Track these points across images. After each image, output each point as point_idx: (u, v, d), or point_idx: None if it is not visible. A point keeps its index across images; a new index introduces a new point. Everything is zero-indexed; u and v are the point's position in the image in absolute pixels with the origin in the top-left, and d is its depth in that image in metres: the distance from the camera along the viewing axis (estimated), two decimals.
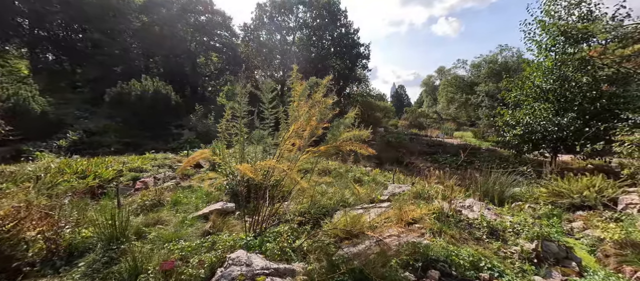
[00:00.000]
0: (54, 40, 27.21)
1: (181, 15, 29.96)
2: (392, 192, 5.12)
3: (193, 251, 2.63)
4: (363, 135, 3.80)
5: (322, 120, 3.29)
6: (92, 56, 24.94)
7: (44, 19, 25.32)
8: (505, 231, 3.14)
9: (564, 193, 4.96)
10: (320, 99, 3.29)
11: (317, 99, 3.25)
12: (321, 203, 4.03)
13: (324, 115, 3.11)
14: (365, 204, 4.44)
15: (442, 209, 3.65)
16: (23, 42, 25.99)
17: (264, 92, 3.39)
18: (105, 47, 25.33)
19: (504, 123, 9.10)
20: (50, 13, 24.69)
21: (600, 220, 3.83)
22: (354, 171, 7.03)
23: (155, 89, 12.56)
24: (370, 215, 3.79)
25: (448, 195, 4.67)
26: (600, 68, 6.10)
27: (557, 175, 5.85)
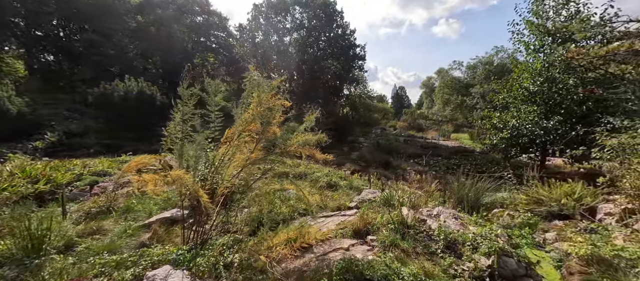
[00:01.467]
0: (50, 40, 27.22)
1: (178, 16, 29.94)
2: (363, 198, 4.91)
3: (116, 266, 2.43)
4: (320, 140, 3.60)
5: (269, 123, 3.09)
6: (87, 56, 24.90)
7: (39, 19, 25.35)
8: (464, 244, 2.92)
9: (543, 201, 4.73)
10: (268, 101, 3.09)
11: (264, 101, 3.05)
12: (281, 211, 3.82)
13: (265, 118, 2.90)
14: (330, 211, 4.23)
15: (404, 218, 3.44)
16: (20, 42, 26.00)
17: (210, 94, 3.18)
18: (100, 47, 25.30)
19: (491, 126, 8.86)
20: (45, 13, 24.68)
21: (574, 231, 3.60)
22: (332, 175, 6.81)
23: (140, 90, 12.38)
24: (328, 225, 3.58)
25: (416, 202, 4.45)
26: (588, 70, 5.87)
27: (540, 180, 5.61)
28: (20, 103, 9.49)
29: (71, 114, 15.11)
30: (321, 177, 6.61)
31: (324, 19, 28.84)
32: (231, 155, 2.74)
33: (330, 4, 28.72)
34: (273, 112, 2.95)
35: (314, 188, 5.86)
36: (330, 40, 29.50)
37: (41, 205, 3.94)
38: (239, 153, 2.77)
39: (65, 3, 24.59)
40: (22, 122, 8.88)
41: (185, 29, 29.79)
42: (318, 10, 28.30)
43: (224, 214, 3.14)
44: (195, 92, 3.09)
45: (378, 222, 3.39)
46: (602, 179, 4.00)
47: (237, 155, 2.75)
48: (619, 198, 4.19)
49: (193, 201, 3.35)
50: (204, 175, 2.76)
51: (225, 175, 2.71)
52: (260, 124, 2.97)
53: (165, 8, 28.53)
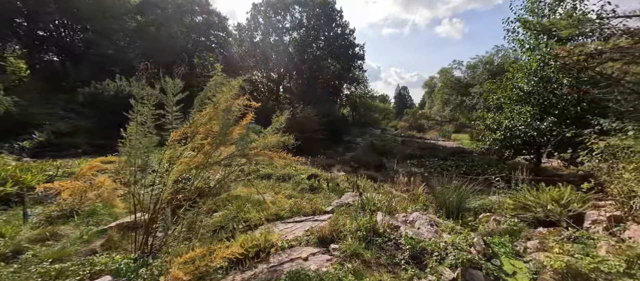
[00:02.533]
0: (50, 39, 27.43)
1: (177, 16, 29.96)
2: (342, 202, 4.74)
3: (56, 276, 2.30)
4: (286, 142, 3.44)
5: (228, 126, 2.94)
6: (86, 56, 25.04)
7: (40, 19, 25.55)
8: (432, 254, 2.74)
9: (529, 206, 4.52)
10: (227, 102, 2.95)
11: (222, 101, 2.90)
12: (248, 216, 3.67)
13: (223, 119, 2.75)
14: (303, 216, 4.07)
15: (375, 225, 3.27)
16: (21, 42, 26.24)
17: (168, 93, 3.04)
18: (99, 47, 25.44)
19: (485, 127, 8.63)
20: (45, 13, 24.87)
21: (557, 239, 3.40)
22: (318, 177, 6.65)
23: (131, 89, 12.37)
24: (295, 231, 3.43)
25: (394, 207, 4.28)
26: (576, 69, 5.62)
27: (530, 183, 5.39)
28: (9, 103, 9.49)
29: (67, 114, 15.14)
30: (305, 179, 6.46)
31: (323, 18, 28.70)
32: (176, 160, 2.59)
33: (330, 3, 28.55)
34: (231, 113, 2.80)
35: (294, 190, 5.70)
36: (329, 40, 29.34)
37: (6, 208, 3.84)
38: (184, 158, 2.62)
39: (65, 3, 24.73)
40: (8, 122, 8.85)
41: (185, 28, 29.81)
42: (317, 9, 28.15)
43: (182, 220, 3.00)
44: (152, 92, 2.95)
45: (347, 229, 3.23)
46: (586, 185, 3.79)
47: (182, 159, 2.60)
48: (607, 204, 3.98)
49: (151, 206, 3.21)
50: (152, 181, 2.63)
51: (169, 180, 2.57)
52: (217, 126, 2.83)
53: (165, 8, 28.57)
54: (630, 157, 3.21)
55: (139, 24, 27.75)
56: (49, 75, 25.23)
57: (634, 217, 3.15)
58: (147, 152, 2.52)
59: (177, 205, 2.88)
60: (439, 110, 32.36)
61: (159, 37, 28.74)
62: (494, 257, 3.23)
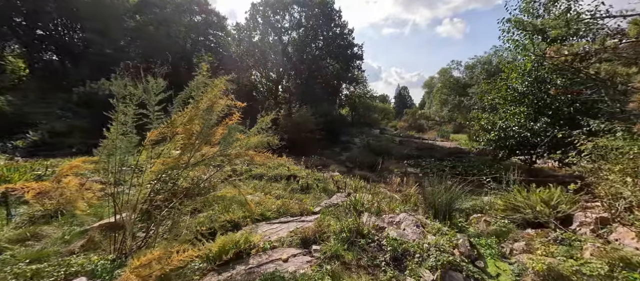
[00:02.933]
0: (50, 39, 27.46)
1: (176, 15, 29.96)
2: (330, 202, 4.72)
3: (31, 276, 2.28)
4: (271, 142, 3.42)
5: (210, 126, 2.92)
6: (86, 55, 25.07)
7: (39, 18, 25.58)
8: (414, 256, 2.72)
9: (519, 207, 4.49)
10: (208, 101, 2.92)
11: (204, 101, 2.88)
12: (233, 217, 3.65)
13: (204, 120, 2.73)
14: (290, 217, 4.05)
15: (360, 226, 3.25)
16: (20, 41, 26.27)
17: (150, 93, 3.02)
18: (98, 46, 25.48)
19: (480, 127, 8.60)
20: (44, 12, 24.90)
21: (543, 241, 3.37)
22: (309, 177, 6.63)
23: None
24: (280, 232, 3.41)
25: (382, 208, 4.26)
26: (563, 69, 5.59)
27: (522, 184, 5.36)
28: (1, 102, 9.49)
29: (64, 113, 15.13)
30: (298, 179, 6.43)
31: (322, 18, 28.67)
32: (151, 160, 2.57)
33: (328, 3, 28.52)
34: (213, 113, 2.78)
35: (285, 191, 5.69)
36: (328, 40, 29.32)
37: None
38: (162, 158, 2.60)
39: (64, 2, 24.75)
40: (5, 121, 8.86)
41: (184, 28, 29.80)
42: (316, 9, 28.12)
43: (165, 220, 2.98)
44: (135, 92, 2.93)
45: (331, 230, 3.20)
46: (573, 186, 3.77)
47: (157, 159, 2.58)
48: (596, 206, 3.95)
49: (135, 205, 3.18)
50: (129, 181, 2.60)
51: (144, 181, 2.55)
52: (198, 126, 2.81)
53: (164, 7, 28.55)
54: (618, 159, 3.18)
55: (138, 23, 27.75)
56: (48, 75, 25.25)
57: (620, 219, 3.12)
58: (124, 152, 2.50)
59: (156, 206, 2.86)
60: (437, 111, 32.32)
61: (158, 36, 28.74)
62: (479, 259, 3.21)
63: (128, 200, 2.59)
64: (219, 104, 3.00)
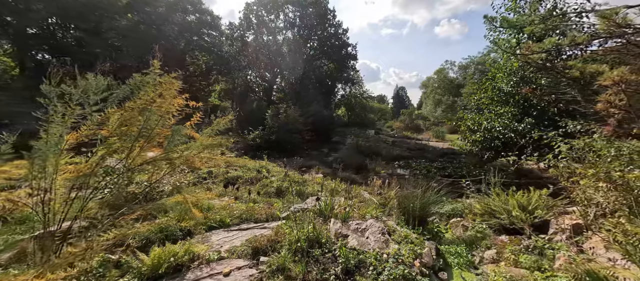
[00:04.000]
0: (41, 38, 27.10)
1: (169, 14, 29.68)
2: (300, 207, 4.50)
3: None
4: (223, 143, 3.22)
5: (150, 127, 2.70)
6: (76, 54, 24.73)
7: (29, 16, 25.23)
8: (368, 268, 2.52)
9: (496, 212, 4.31)
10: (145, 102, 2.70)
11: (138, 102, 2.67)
12: (185, 225, 3.41)
13: (139, 121, 2.52)
14: (252, 223, 3.84)
15: (318, 234, 3.04)
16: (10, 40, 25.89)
17: (90, 93, 2.80)
18: (89, 45, 25.20)
19: (466, 128, 8.44)
20: (33, 10, 24.55)
21: (514, 249, 3.18)
22: (286, 179, 6.42)
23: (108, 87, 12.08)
24: (234, 241, 3.19)
25: (352, 213, 4.06)
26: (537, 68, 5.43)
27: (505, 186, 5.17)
28: None
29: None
30: (274, 181, 6.23)
31: (316, 18, 28.49)
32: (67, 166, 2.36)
33: (322, 3, 28.35)
34: (148, 114, 2.56)
35: (260, 194, 5.48)
36: (322, 39, 29.16)
37: None
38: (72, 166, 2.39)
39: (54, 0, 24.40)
40: None
41: (177, 27, 29.50)
42: (310, 8, 27.93)
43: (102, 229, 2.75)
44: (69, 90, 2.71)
45: (287, 239, 3.00)
46: (545, 191, 3.58)
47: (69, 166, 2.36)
48: (573, 211, 3.77)
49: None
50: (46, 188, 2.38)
51: (57, 188, 2.33)
52: (136, 128, 2.60)
53: (156, 6, 28.25)
54: (594, 162, 3.00)
55: (129, 22, 27.43)
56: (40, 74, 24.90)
57: (593, 227, 2.94)
58: (43, 158, 2.28)
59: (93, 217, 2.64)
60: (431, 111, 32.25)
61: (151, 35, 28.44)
62: (444, 270, 3.02)
63: (49, 209, 2.37)
64: (170, 104, 2.79)
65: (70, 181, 2.32)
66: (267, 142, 11.34)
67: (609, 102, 3.04)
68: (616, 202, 2.70)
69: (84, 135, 2.31)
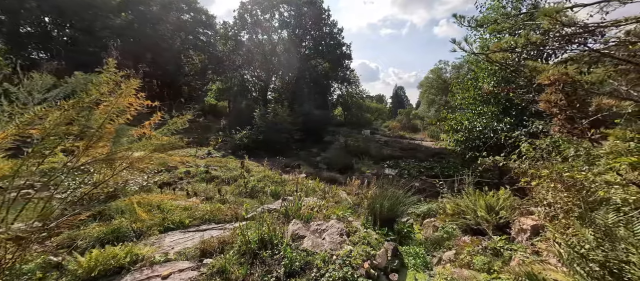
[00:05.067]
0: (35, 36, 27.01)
1: (164, 13, 29.57)
2: (269, 207, 4.47)
3: None
4: (174, 143, 3.18)
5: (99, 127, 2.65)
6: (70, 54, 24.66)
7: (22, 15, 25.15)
8: (314, 270, 2.48)
9: (464, 212, 4.28)
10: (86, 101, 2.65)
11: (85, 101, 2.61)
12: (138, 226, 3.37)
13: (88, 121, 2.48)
14: (214, 224, 3.80)
15: (271, 235, 3.01)
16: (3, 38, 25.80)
17: (34, 92, 2.76)
18: (82, 44, 25.15)
19: (449, 128, 8.42)
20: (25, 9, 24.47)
21: (471, 251, 3.15)
22: (265, 180, 6.39)
23: None
24: (186, 243, 3.15)
25: (315, 214, 4.02)
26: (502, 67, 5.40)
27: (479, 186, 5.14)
28: None
29: None
30: (251, 181, 6.18)
31: (311, 17, 28.44)
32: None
33: (317, 2, 28.29)
34: (87, 114, 2.52)
35: (233, 194, 5.43)
36: (317, 39, 29.12)
37: None
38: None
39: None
40: None
41: (171, 26, 29.41)
42: (304, 8, 27.87)
43: None
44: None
45: (239, 240, 2.96)
46: (502, 192, 3.54)
47: None
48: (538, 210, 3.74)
49: None
50: None
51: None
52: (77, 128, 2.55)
53: (148, 5, 28.15)
54: (549, 163, 2.96)
55: (123, 21, 27.33)
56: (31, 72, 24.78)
57: (547, 227, 2.91)
58: None
59: None
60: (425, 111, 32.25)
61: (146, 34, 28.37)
62: (398, 271, 2.98)
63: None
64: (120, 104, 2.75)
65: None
66: (254, 141, 11.31)
67: (549, 101, 3.00)
68: (567, 202, 2.68)
69: (10, 135, 2.26)
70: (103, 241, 2.93)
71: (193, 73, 33.38)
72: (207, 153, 10.71)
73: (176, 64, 31.51)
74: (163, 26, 29.49)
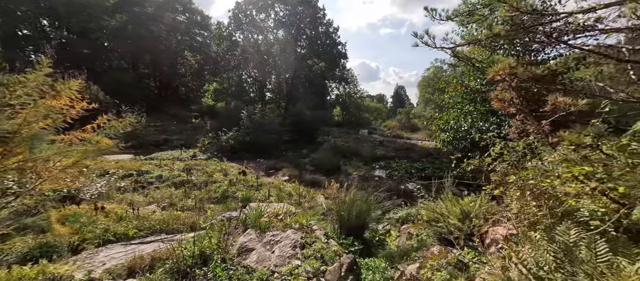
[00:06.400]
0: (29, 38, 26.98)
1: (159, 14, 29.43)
2: (229, 215, 4.21)
3: None
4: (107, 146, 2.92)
5: None
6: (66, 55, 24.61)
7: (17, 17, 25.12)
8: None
9: (438, 219, 3.99)
10: None
11: None
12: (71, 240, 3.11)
13: None
14: (163, 235, 3.55)
15: (215, 249, 2.75)
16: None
17: None
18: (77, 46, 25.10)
19: (436, 128, 8.12)
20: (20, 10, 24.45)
21: (435, 265, 2.87)
22: (238, 183, 6.13)
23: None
24: (123, 258, 2.89)
25: (275, 221, 3.75)
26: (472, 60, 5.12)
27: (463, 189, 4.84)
28: None
29: None
30: (223, 186, 5.92)
31: (306, 16, 28.16)
32: None
33: (312, 1, 28.01)
34: None
35: (199, 200, 5.17)
36: (313, 38, 28.82)
37: None
38: None
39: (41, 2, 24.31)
40: None
41: (165, 27, 29.25)
42: (300, 7, 27.61)
43: None
44: None
45: (174, 256, 2.69)
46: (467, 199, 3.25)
47: None
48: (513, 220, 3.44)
49: None
50: None
51: None
52: None
53: (145, 6, 28.01)
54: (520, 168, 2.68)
55: (118, 22, 27.20)
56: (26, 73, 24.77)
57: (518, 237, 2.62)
58: None
59: None
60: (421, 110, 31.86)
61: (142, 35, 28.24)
62: None
63: None
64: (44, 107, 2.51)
65: None
66: (240, 143, 11.03)
67: (502, 99, 2.72)
68: (536, 213, 2.39)
69: None
70: (28, 257, 2.67)
71: (189, 74, 33.23)
72: (192, 156, 10.48)
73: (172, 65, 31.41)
74: (158, 27, 29.34)
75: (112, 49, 29.37)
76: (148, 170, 6.46)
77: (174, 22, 31.06)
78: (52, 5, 25.31)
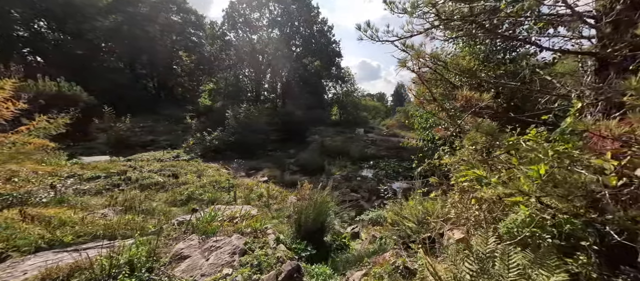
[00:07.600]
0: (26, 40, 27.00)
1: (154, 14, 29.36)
2: (183, 218, 4.06)
3: None
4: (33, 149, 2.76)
5: None
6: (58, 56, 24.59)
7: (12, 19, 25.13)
8: None
9: (399, 221, 3.82)
10: None
11: None
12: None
13: None
14: (106, 241, 3.39)
15: (147, 257, 2.59)
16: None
17: None
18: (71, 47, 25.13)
19: (418, 126, 7.93)
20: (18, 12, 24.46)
21: (381, 272, 2.70)
22: (207, 185, 5.97)
23: (59, 90, 11.61)
24: (43, 267, 2.74)
25: (225, 225, 3.60)
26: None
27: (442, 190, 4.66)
28: None
29: None
30: (190, 187, 5.77)
31: (300, 15, 28.00)
32: None
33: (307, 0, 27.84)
34: None
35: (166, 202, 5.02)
36: (307, 37, 28.65)
37: None
38: None
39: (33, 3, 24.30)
40: None
41: (160, 27, 29.18)
42: (293, 5, 27.44)
43: None
44: None
45: (98, 264, 2.54)
46: (411, 202, 3.07)
47: None
48: None
49: None
50: None
51: None
52: None
53: (137, 6, 27.93)
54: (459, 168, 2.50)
55: (112, 23, 27.15)
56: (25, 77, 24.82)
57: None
58: None
59: None
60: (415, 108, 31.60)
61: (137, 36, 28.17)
62: None
63: None
64: None
65: None
66: (225, 143, 10.88)
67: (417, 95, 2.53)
68: (477, 217, 2.22)
69: None
70: None
71: (185, 74, 33.16)
72: (175, 157, 10.33)
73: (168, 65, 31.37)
74: (153, 27, 29.26)
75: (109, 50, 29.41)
76: (118, 172, 6.32)
77: (168, 22, 30.98)
78: (48, 6, 25.30)
